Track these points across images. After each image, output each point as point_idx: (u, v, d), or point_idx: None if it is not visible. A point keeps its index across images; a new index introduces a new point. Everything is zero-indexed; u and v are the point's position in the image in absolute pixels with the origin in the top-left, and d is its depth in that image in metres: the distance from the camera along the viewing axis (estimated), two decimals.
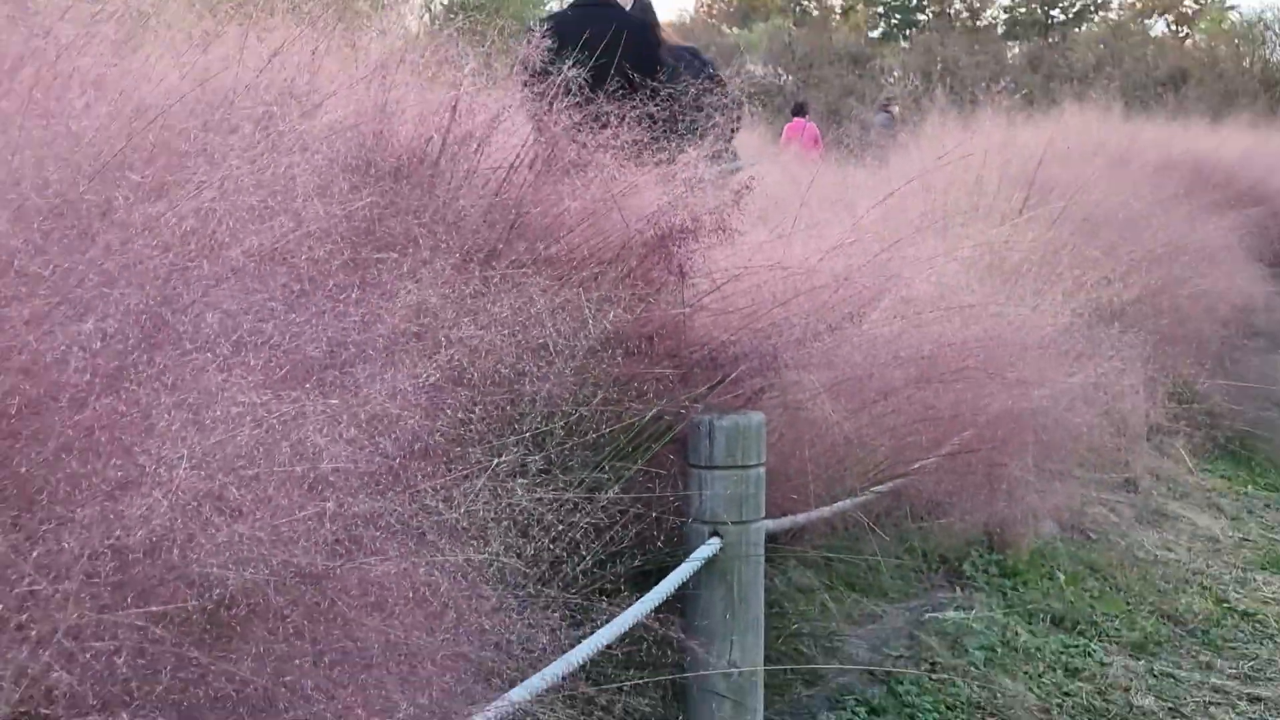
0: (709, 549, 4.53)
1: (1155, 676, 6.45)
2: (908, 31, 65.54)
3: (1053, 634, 6.61)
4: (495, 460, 3.02)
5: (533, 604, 3.12)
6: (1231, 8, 65.96)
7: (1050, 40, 57.26)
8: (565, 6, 7.47)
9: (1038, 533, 7.49)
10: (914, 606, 6.50)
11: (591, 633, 3.58)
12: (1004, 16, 69.39)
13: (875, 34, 65.43)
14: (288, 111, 3.72)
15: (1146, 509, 8.70)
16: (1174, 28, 66.55)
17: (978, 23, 65.77)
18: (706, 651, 4.60)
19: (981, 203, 8.37)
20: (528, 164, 4.64)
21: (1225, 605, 7.51)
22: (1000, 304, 5.89)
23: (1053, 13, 68.65)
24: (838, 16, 67.91)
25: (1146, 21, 65.49)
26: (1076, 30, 62.12)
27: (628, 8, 7.21)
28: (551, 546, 3.40)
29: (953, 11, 68.34)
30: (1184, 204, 11.14)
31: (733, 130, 6.57)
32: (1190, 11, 68.45)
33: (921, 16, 69.43)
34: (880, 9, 71.40)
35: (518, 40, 5.03)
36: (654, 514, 4.47)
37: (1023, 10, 69.09)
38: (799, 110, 23.78)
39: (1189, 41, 58.52)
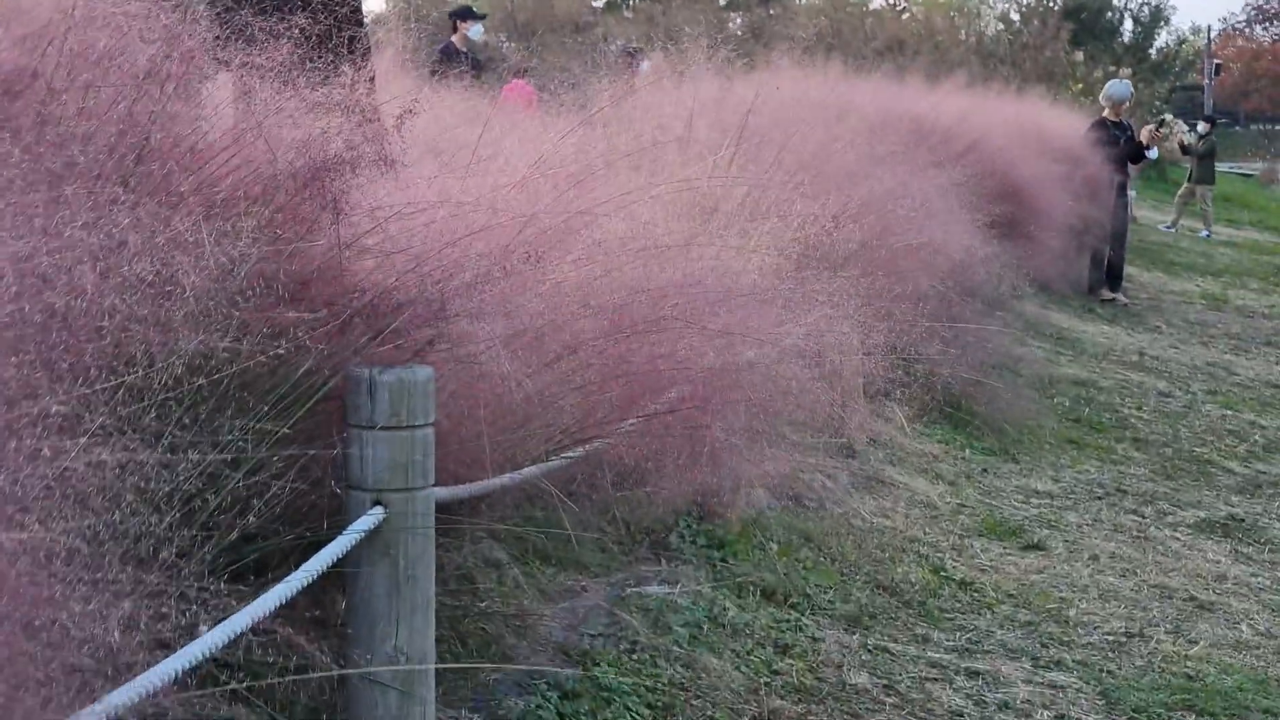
0: (370, 520, 3.97)
1: (870, 651, 6.06)
2: (631, 1, 65.54)
3: (763, 608, 6.17)
4: (43, 411, 2.41)
5: (122, 591, 2.54)
6: None
7: (771, 12, 57.53)
8: None
9: (749, 501, 7.05)
10: (615, 581, 6.01)
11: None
12: None
13: (599, 3, 65.27)
14: None
15: (863, 474, 8.34)
16: (891, 1, 67.63)
17: None
18: (369, 636, 4.05)
19: (691, 151, 7.91)
20: (160, 83, 4.02)
21: (942, 574, 7.18)
22: (703, 246, 5.39)
23: None
24: None
25: None
26: (798, 2, 62.67)
27: None
28: (158, 518, 2.82)
29: None
30: (902, 160, 10.87)
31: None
32: None
33: None
34: None
35: None
36: (304, 483, 3.91)
37: None
38: (518, 73, 23.44)
39: (906, 15, 59.35)
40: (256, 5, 4.37)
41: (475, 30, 16.36)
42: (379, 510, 3.99)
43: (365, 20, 6.03)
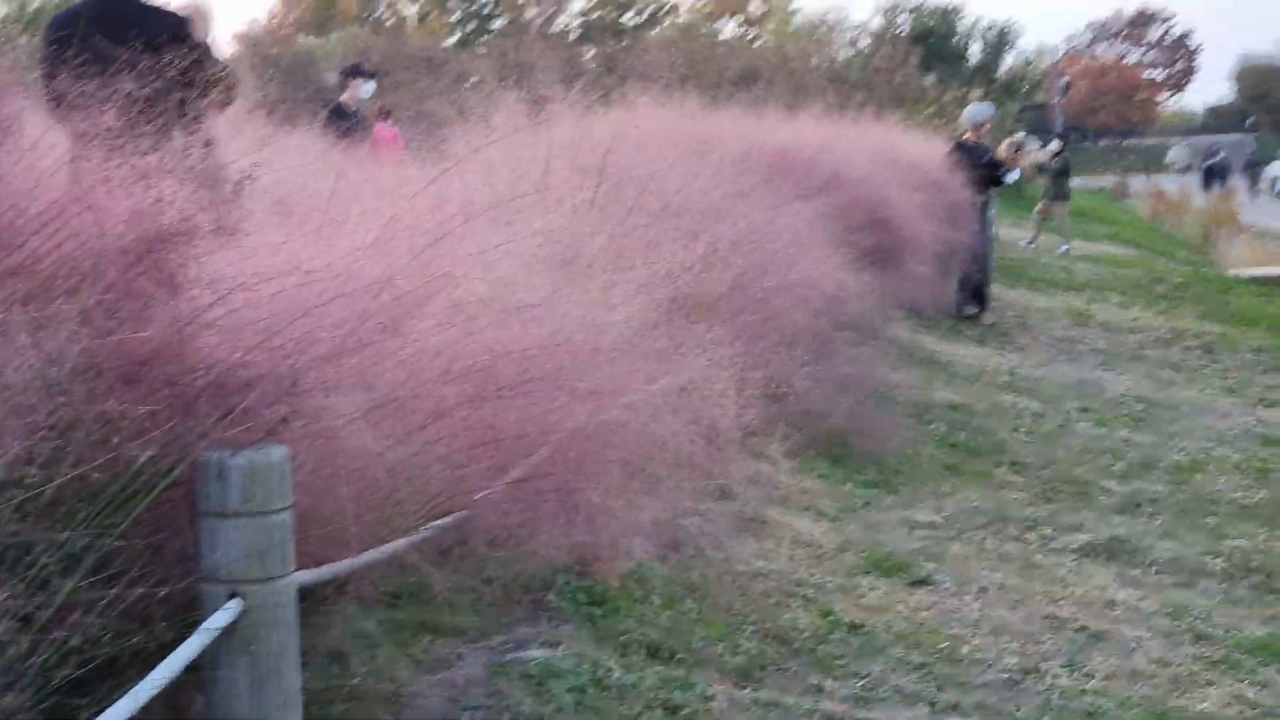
0: (226, 615, 3.71)
1: (763, 707, 5.84)
2: (483, 38, 65.51)
3: (650, 666, 5.93)
4: None
5: None
6: (796, 10, 67.84)
7: (623, 44, 57.61)
8: None
9: (628, 553, 6.81)
10: (495, 645, 5.75)
11: None
12: (578, 22, 70.03)
13: (451, 41, 65.11)
14: None
15: (743, 517, 8.12)
16: (743, 29, 68.13)
17: (551, 28, 66.11)
18: None
19: (550, 195, 7.67)
20: None
21: (831, 618, 6.97)
22: (566, 301, 5.16)
23: (625, 18, 69.52)
24: (414, 24, 67.56)
25: (716, 25, 66.92)
26: (649, 34, 62.88)
27: None
28: None
29: (527, 18, 68.68)
30: (767, 191, 10.72)
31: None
32: (758, 14, 70.17)
33: (496, 23, 69.63)
34: (456, 16, 71.34)
35: None
36: (154, 579, 3.64)
37: (596, 15, 69.82)
38: (380, 116, 23.08)
39: (757, 43, 59.70)
40: (77, 70, 4.10)
41: (366, 88, 15.73)
42: (235, 603, 3.73)
43: (202, 79, 5.80)
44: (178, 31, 6.23)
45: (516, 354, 4.69)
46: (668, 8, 71.70)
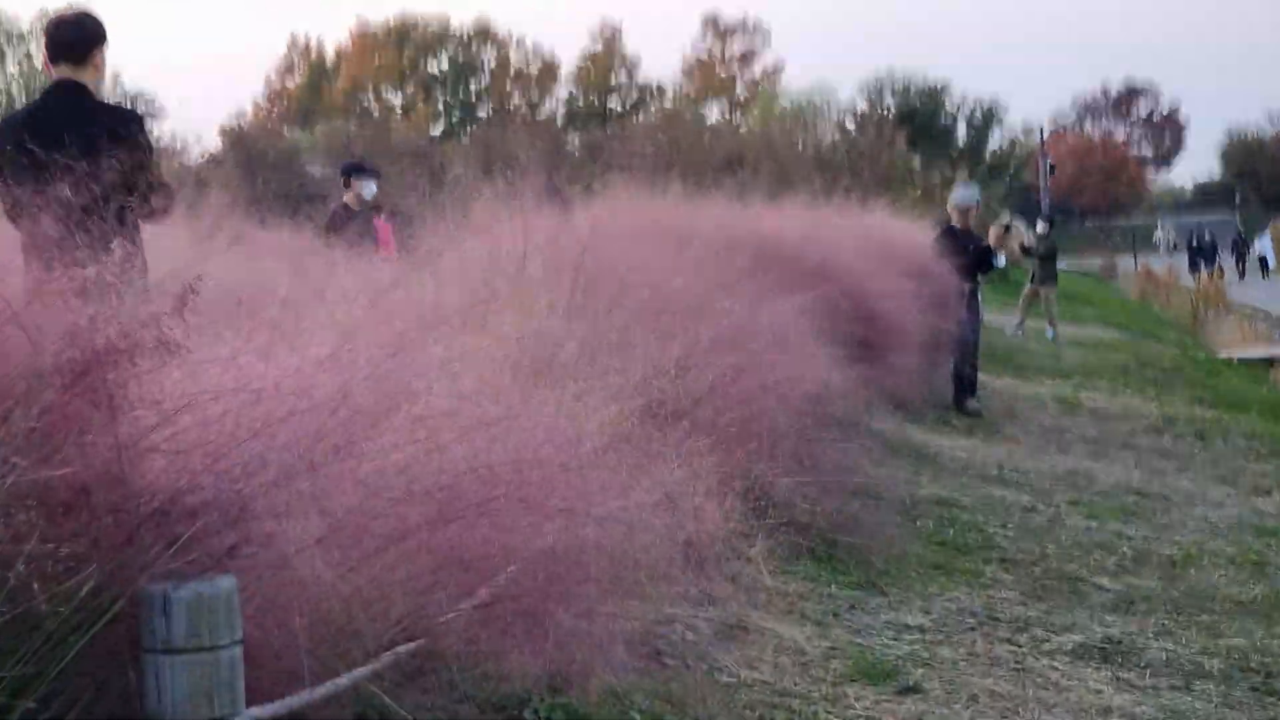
0: None
1: None
2: (469, 127, 65.83)
3: None
4: None
5: None
6: (782, 94, 68.15)
7: (609, 131, 57.85)
8: None
9: (607, 664, 6.56)
10: None
11: None
12: (563, 110, 70.41)
13: (436, 131, 65.43)
14: None
15: (725, 623, 7.87)
16: (728, 114, 68.50)
17: (537, 116, 66.47)
18: None
19: (525, 294, 7.49)
20: None
21: None
22: (537, 411, 4.96)
23: (610, 104, 69.90)
24: (399, 115, 67.89)
25: (701, 109, 67.23)
26: (635, 120, 63.24)
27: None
28: None
29: (512, 106, 69.05)
30: (750, 284, 10.53)
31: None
32: (743, 98, 70.55)
33: (482, 113, 70.02)
34: (440, 107, 71.73)
35: None
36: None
37: (580, 104, 70.23)
38: (375, 210, 22.86)
39: (743, 128, 59.96)
40: (13, 175, 3.91)
41: (369, 188, 14.79)
42: None
43: (145, 182, 5.63)
44: (118, 130, 5.98)
45: (483, 471, 4.48)
46: (653, 91, 72.02)
